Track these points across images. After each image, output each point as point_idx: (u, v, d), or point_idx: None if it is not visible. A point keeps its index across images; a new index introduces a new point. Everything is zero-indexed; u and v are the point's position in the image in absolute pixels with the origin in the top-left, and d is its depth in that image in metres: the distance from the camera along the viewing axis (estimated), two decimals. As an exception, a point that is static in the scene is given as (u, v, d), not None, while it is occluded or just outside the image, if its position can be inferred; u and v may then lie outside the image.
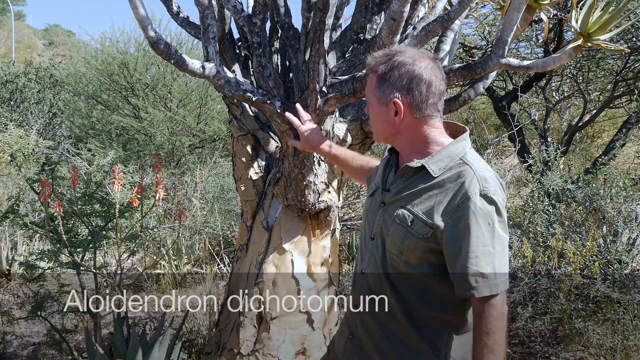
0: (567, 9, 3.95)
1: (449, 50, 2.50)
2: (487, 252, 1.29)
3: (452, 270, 1.33)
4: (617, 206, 3.14)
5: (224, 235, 5.55)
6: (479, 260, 1.28)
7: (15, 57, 24.93)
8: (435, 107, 1.40)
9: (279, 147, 2.68)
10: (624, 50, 2.17)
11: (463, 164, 1.36)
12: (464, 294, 1.31)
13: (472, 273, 1.29)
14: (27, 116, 11.25)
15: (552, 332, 3.34)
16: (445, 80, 1.41)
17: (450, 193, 1.33)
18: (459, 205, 1.31)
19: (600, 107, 6.16)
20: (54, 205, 2.55)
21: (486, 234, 1.29)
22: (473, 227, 1.29)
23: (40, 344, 3.73)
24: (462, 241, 1.29)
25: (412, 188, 1.40)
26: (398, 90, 1.38)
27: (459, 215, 1.30)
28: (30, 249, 4.91)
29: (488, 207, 1.30)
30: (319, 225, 2.62)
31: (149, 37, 1.86)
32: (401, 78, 1.37)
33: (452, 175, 1.35)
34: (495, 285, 1.29)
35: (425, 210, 1.35)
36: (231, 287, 2.80)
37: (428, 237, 1.34)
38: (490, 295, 1.29)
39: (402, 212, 1.39)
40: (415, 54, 1.40)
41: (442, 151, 1.39)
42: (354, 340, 1.54)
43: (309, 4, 2.08)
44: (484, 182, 1.32)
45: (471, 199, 1.30)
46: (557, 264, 3.12)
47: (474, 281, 1.29)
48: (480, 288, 1.29)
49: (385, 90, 1.39)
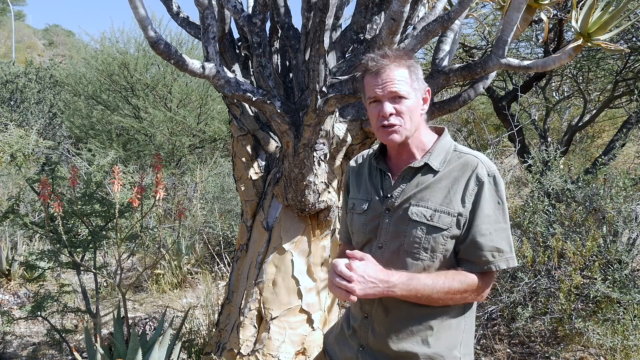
0: (567, 9, 3.95)
1: (449, 50, 2.51)
2: (501, 228, 1.39)
3: (467, 248, 1.40)
4: (617, 206, 3.13)
5: (224, 235, 5.55)
6: (494, 237, 1.38)
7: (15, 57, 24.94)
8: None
9: (279, 147, 2.67)
10: (624, 50, 2.17)
11: (462, 154, 1.45)
12: (482, 267, 1.39)
13: (489, 249, 1.38)
14: (27, 116, 11.25)
15: (552, 332, 3.34)
16: None
17: (462, 180, 1.41)
18: (473, 188, 1.39)
19: (600, 107, 6.15)
20: (54, 205, 2.55)
21: (497, 211, 1.40)
22: (487, 205, 1.38)
23: (40, 344, 3.73)
24: (479, 219, 1.38)
25: (419, 186, 1.44)
26: (424, 83, 1.46)
27: (477, 198, 1.39)
28: (30, 249, 4.91)
29: (498, 186, 1.40)
30: (319, 225, 2.62)
31: (149, 37, 1.87)
32: (420, 72, 1.45)
33: (457, 165, 1.43)
34: (512, 259, 1.41)
35: (442, 202, 1.41)
36: (231, 287, 2.80)
37: (451, 226, 1.40)
38: (507, 268, 1.40)
39: (417, 209, 1.42)
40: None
41: (436, 147, 1.46)
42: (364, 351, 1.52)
43: (309, 4, 2.08)
44: (488, 165, 1.42)
45: (484, 181, 1.39)
46: (557, 264, 3.12)
47: (491, 256, 1.38)
48: (497, 262, 1.39)
49: (420, 82, 1.45)
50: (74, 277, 4.72)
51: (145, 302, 4.57)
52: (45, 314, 3.18)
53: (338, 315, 2.81)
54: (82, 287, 3.19)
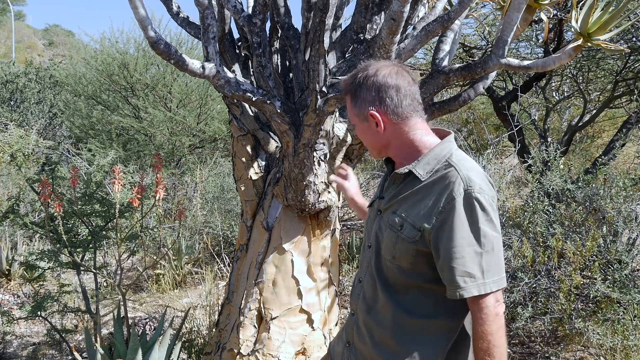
0: (567, 9, 3.95)
1: (449, 50, 2.50)
2: (474, 251, 1.29)
3: (441, 271, 1.33)
4: (617, 206, 3.13)
5: (224, 235, 5.55)
6: (466, 260, 1.28)
7: (15, 57, 24.94)
8: (412, 108, 1.41)
9: (279, 147, 2.67)
10: (624, 50, 2.17)
11: (448, 166, 1.37)
12: (453, 294, 1.31)
13: (460, 273, 1.28)
14: (27, 116, 11.24)
15: (552, 332, 3.34)
16: (415, 81, 1.43)
17: (436, 194, 1.34)
18: (444, 206, 1.31)
19: (600, 107, 6.15)
20: (54, 205, 2.55)
21: (472, 233, 1.29)
22: (458, 227, 1.29)
23: (40, 344, 3.73)
24: (449, 241, 1.29)
25: (402, 193, 1.42)
26: (370, 103, 1.41)
27: (445, 217, 1.31)
28: (30, 249, 4.92)
29: (472, 206, 1.30)
30: (319, 225, 2.62)
31: (149, 37, 1.86)
32: (369, 91, 1.40)
33: (438, 178, 1.36)
34: (484, 285, 1.29)
35: (413, 214, 1.37)
36: (231, 287, 2.79)
37: (417, 240, 1.35)
38: (480, 295, 1.29)
39: (393, 217, 1.41)
40: (377, 65, 1.42)
41: (428, 154, 1.40)
42: (350, 349, 1.55)
43: (309, 4, 2.08)
44: (468, 182, 1.31)
45: (455, 199, 1.30)
46: (557, 264, 3.12)
47: (462, 281, 1.29)
48: (469, 288, 1.29)
49: (360, 107, 1.43)
50: (74, 277, 4.72)
51: (145, 302, 4.56)
52: (45, 314, 3.18)
53: (338, 315, 2.81)
54: (82, 287, 3.19)
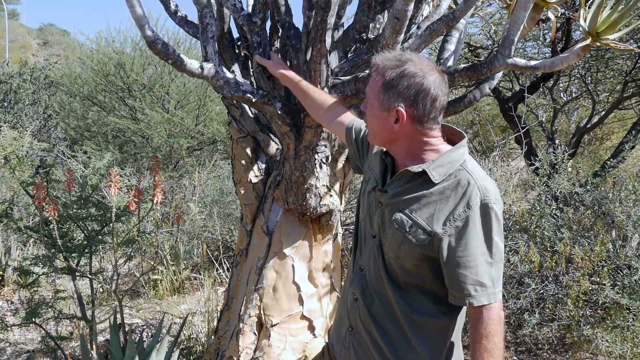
0: (575, 7, 3.92)
1: (454, 50, 2.50)
2: (486, 261, 1.33)
3: (448, 278, 1.36)
4: (627, 210, 3.13)
5: (223, 240, 5.52)
6: (479, 270, 1.32)
7: (9, 57, 24.76)
8: (435, 121, 1.42)
9: (279, 149, 2.66)
10: (634, 50, 2.14)
11: (463, 172, 1.38)
12: (461, 301, 1.35)
13: (472, 282, 1.32)
14: (21, 117, 11.17)
15: (559, 339, 3.33)
16: (448, 94, 1.46)
17: (452, 201, 1.35)
18: (460, 214, 1.33)
19: (609, 109, 6.12)
20: (49, 209, 2.52)
21: (485, 243, 1.33)
22: (472, 236, 1.32)
23: (35, 351, 3.70)
24: (463, 250, 1.32)
25: (411, 193, 1.41)
26: (404, 100, 1.39)
27: (460, 225, 1.33)
28: (24, 254, 4.86)
29: (489, 217, 1.33)
30: (321, 230, 2.59)
31: (146, 37, 1.84)
32: (409, 89, 1.38)
33: (452, 183, 1.37)
34: (494, 294, 1.34)
35: (425, 217, 1.37)
36: (230, 293, 2.77)
37: (425, 245, 1.36)
38: (489, 303, 1.34)
39: (401, 216, 1.40)
40: (425, 65, 1.41)
41: (442, 157, 1.40)
42: (352, 333, 1.57)
43: (311, 3, 2.06)
44: (485, 192, 1.34)
45: (472, 208, 1.33)
46: (564, 269, 3.11)
47: (473, 290, 1.33)
48: (479, 297, 1.33)
49: (390, 97, 1.40)
50: (69, 283, 4.67)
51: (142, 308, 4.53)
52: (40, 321, 3.15)
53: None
54: (78, 293, 3.16)
